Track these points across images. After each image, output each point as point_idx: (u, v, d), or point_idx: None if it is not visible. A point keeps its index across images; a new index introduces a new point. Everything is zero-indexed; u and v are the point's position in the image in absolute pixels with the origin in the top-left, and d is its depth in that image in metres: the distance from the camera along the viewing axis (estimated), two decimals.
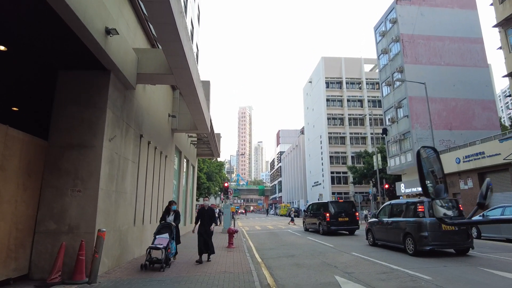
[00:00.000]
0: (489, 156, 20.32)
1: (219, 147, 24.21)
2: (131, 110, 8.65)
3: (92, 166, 6.75)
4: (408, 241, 9.82)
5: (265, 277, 7.23)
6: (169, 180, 13.53)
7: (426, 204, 9.73)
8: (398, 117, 29.34)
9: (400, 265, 8.15)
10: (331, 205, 17.65)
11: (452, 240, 9.37)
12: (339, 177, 51.53)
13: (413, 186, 28.18)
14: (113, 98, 7.41)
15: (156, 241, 7.66)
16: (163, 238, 7.69)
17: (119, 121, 7.75)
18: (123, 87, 8.07)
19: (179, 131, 14.35)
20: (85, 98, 7.07)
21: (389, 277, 6.84)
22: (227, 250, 11.21)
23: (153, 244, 7.61)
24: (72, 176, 6.67)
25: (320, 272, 7.63)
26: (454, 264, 8.14)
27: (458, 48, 29.64)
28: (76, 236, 6.36)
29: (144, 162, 9.92)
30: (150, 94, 10.44)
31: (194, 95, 9.72)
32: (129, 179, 8.58)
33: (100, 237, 6.02)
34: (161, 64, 8.52)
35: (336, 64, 55.59)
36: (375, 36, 34.53)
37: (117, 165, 7.65)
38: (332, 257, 9.75)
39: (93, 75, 7.21)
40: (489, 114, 28.37)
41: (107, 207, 7.10)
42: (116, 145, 7.57)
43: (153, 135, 10.83)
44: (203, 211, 9.14)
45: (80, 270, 5.91)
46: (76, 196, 6.57)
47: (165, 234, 7.83)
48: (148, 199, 10.43)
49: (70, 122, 6.92)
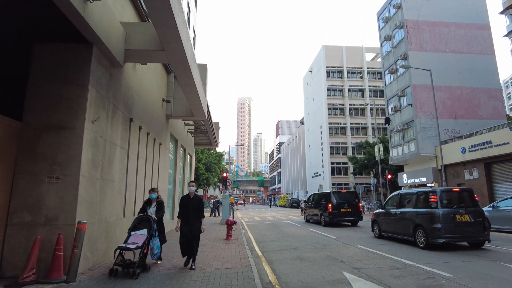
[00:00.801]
0: (497, 145, 19.65)
1: (218, 136, 23.46)
2: (119, 90, 7.86)
3: (73, 150, 5.99)
4: (418, 234, 9.16)
5: (266, 273, 6.58)
6: (164, 169, 12.80)
7: (439, 193, 9.06)
8: (402, 106, 28.54)
9: (413, 259, 7.49)
10: (333, 196, 17.01)
11: (467, 233, 8.71)
12: (339, 168, 50.98)
13: (416, 177, 27.59)
14: (96, 75, 6.62)
15: (130, 238, 6.10)
16: (139, 235, 6.14)
17: (104, 101, 6.96)
18: (109, 64, 7.26)
19: (175, 117, 13.55)
20: (65, 74, 6.28)
21: (404, 274, 6.18)
22: (225, 242, 10.57)
23: (125, 243, 6.02)
24: (49, 162, 5.92)
25: (326, 267, 6.97)
26: (472, 259, 7.49)
27: (464, 35, 28.69)
28: (54, 229, 5.64)
29: (135, 148, 9.17)
30: (141, 75, 9.63)
31: (188, 75, 8.91)
32: (118, 166, 7.83)
33: (80, 229, 5.31)
34: (151, 39, 7.69)
35: (337, 53, 54.51)
36: (378, 23, 33.47)
37: (102, 150, 6.89)
38: (337, 250, 9.11)
39: (74, 48, 6.40)
40: (495, 103, 27.59)
41: (90, 196, 6.37)
42: (100, 127, 6.80)
43: (145, 120, 10.05)
44: (187, 201, 6.80)
45: (58, 267, 5.21)
46: (54, 183, 5.83)
47: (143, 230, 6.26)
48: (141, 189, 9.71)
49: (47, 100, 6.14)
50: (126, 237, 6.19)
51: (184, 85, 9.73)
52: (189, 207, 6.70)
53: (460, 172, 23.28)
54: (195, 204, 6.77)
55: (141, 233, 6.21)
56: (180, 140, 16.68)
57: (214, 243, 10.31)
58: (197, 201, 6.84)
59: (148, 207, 6.89)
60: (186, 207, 6.73)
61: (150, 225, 6.37)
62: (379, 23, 33.38)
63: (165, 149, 12.92)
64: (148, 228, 6.32)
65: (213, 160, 41.60)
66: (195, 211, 6.71)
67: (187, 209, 6.70)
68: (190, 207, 6.70)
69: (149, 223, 6.39)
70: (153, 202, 6.96)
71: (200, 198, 6.94)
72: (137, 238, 6.08)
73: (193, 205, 6.73)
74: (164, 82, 12.78)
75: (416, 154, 26.11)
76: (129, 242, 5.97)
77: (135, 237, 6.11)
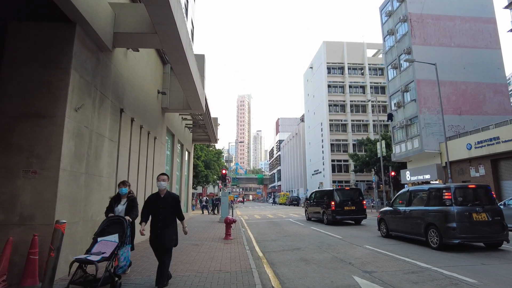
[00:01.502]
0: (505, 141, 19.02)
1: (217, 132, 22.82)
2: (107, 77, 7.20)
3: (52, 141, 5.35)
4: (431, 233, 8.54)
5: (268, 277, 5.96)
6: (159, 164, 12.16)
7: (453, 190, 8.43)
8: (405, 102, 27.89)
9: (428, 262, 6.87)
10: (336, 193, 16.38)
11: (484, 232, 8.08)
12: (340, 165, 50.36)
13: (419, 174, 26.99)
14: (80, 58, 5.96)
15: (96, 246, 4.64)
16: (108, 243, 4.67)
17: (89, 88, 6.31)
18: (96, 47, 6.61)
19: (171, 110, 12.90)
20: (44, 57, 5.63)
21: (422, 279, 5.56)
22: (224, 242, 9.95)
23: (89, 252, 4.55)
24: (25, 154, 5.28)
25: (333, 270, 6.35)
26: (493, 262, 6.87)
27: (469, 28, 27.99)
28: (29, 229, 5.01)
29: (126, 141, 8.53)
30: (133, 62, 8.97)
31: (184, 62, 8.25)
32: (106, 160, 7.20)
33: (58, 230, 4.66)
34: (143, 21, 7.04)
35: (338, 48, 53.74)
36: (381, 17, 32.74)
37: (87, 141, 6.25)
38: (344, 251, 8.49)
39: (54, 28, 5.75)
40: (500, 98, 26.93)
41: (73, 192, 5.73)
42: (85, 116, 6.16)
43: (138, 112, 9.41)
44: (157, 199, 4.93)
45: (32, 273, 4.59)
46: (31, 178, 5.20)
47: (113, 235, 4.80)
48: (133, 185, 9.07)
49: (24, 86, 5.50)
50: (91, 244, 4.74)
51: (180, 74, 9.07)
52: (159, 208, 4.86)
53: (465, 169, 22.66)
54: (168, 206, 4.91)
55: (110, 239, 4.72)
56: (177, 135, 16.04)
57: (212, 243, 9.69)
58: (171, 200, 4.98)
59: (116, 205, 5.43)
60: (156, 208, 4.87)
61: (122, 229, 4.90)
62: (381, 17, 32.66)
63: (160, 144, 12.28)
64: (120, 233, 4.84)
65: (212, 157, 40.93)
66: (167, 215, 4.88)
67: (157, 210, 4.87)
68: (161, 209, 4.86)
69: (122, 227, 4.91)
70: (122, 198, 5.52)
71: (175, 197, 5.10)
72: (105, 246, 4.64)
73: (164, 207, 4.88)
74: (160, 73, 12.11)
75: (420, 151, 25.49)
76: (93, 252, 4.53)
77: (102, 244, 4.65)
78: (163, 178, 5.02)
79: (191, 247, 8.97)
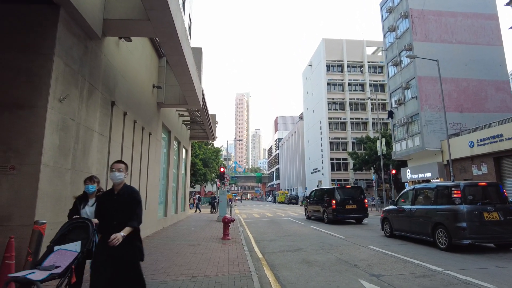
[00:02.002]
0: (508, 139, 18.65)
1: (215, 129, 22.36)
2: (97, 67, 6.73)
3: (33, 134, 4.89)
4: (439, 233, 8.12)
5: (269, 281, 5.53)
6: (155, 161, 11.70)
7: (463, 188, 8.02)
8: (406, 99, 27.48)
9: (438, 264, 6.46)
10: (337, 191, 15.97)
11: (495, 233, 7.67)
12: (339, 163, 50.02)
13: (420, 172, 26.61)
14: (66, 45, 5.50)
15: (50, 258, 3.46)
16: (66, 253, 3.51)
17: (76, 77, 5.84)
18: (84, 34, 6.14)
19: (167, 105, 12.43)
20: (24, 42, 5.16)
21: (435, 284, 5.14)
22: (221, 242, 9.52)
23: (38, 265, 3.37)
24: (3, 148, 4.82)
25: (338, 273, 5.92)
26: (508, 265, 6.45)
27: (471, 25, 27.59)
28: (5, 231, 4.55)
29: (118, 136, 8.06)
30: (126, 53, 8.50)
31: (179, 53, 7.79)
32: (96, 155, 6.74)
33: (36, 232, 4.22)
34: (134, 6, 6.58)
35: (337, 46, 53.32)
36: (381, 13, 32.29)
37: (74, 135, 5.79)
38: (347, 251, 8.07)
39: (36, 10, 5.27)
40: (503, 95, 26.56)
41: (57, 189, 5.27)
42: (71, 108, 5.69)
43: (131, 106, 8.94)
44: (108, 198, 3.55)
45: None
46: (9, 174, 4.74)
47: (74, 243, 3.62)
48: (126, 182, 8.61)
49: (2, 73, 5.02)
50: (44, 253, 3.56)
51: (175, 66, 8.61)
52: (111, 213, 3.43)
53: (467, 167, 22.30)
54: (125, 206, 3.45)
55: (69, 248, 3.56)
56: (174, 132, 15.57)
57: (209, 243, 9.26)
58: (128, 197, 3.50)
59: (82, 206, 4.17)
60: (105, 209, 3.48)
61: (87, 235, 3.68)
62: (382, 13, 32.21)
63: (156, 140, 11.81)
64: (84, 240, 3.65)
65: (211, 155, 40.49)
66: (123, 219, 3.38)
67: (109, 216, 3.43)
68: (114, 212, 3.43)
69: (87, 233, 3.70)
70: (90, 198, 4.24)
71: (131, 192, 3.58)
72: (62, 257, 3.47)
73: (121, 209, 3.43)
74: (155, 66, 11.64)
75: (421, 149, 25.10)
76: (44, 265, 3.35)
77: (59, 255, 3.49)
78: (119, 167, 3.57)
79: (187, 247, 8.54)
